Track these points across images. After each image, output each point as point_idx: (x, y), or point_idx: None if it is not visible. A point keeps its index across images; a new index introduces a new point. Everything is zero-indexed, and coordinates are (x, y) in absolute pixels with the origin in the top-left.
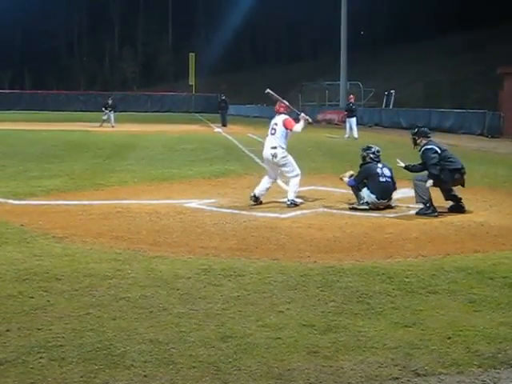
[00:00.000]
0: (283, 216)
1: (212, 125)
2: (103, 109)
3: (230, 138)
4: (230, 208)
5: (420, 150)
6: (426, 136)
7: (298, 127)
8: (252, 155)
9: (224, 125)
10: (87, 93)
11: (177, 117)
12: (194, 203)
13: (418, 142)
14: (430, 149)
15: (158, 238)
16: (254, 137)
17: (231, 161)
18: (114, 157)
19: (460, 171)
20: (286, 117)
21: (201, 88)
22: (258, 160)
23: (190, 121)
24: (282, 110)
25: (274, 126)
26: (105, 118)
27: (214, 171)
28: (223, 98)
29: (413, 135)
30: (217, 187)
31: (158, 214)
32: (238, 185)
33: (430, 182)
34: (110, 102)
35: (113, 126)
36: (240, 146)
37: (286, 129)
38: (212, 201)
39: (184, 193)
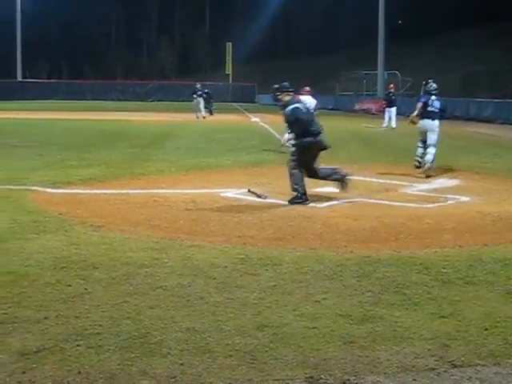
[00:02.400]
0: (319, 206)
1: (249, 114)
2: (196, 97)
3: (266, 127)
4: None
5: (285, 108)
6: (288, 92)
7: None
8: (288, 144)
9: (211, 113)
10: (124, 82)
11: (214, 106)
12: (230, 193)
13: (281, 97)
14: (297, 108)
15: (195, 227)
16: None
17: (268, 150)
18: (150, 146)
19: (318, 135)
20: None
21: (237, 77)
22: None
23: (227, 110)
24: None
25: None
26: (201, 107)
27: (250, 160)
28: (206, 91)
29: (275, 90)
30: (253, 176)
31: (194, 203)
32: (275, 174)
33: (286, 137)
34: (204, 90)
35: (204, 117)
36: (276, 135)
37: None
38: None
39: (221, 182)
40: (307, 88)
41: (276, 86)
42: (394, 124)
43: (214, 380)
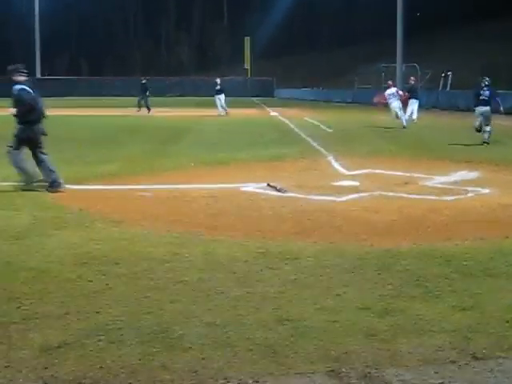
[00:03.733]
0: (339, 199)
1: (268, 108)
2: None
3: (285, 121)
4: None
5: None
6: (21, 73)
7: None
8: (309, 139)
9: (149, 109)
10: (145, 78)
11: (232, 101)
12: (250, 187)
13: (14, 78)
14: (24, 89)
15: (215, 222)
16: (311, 120)
17: (287, 144)
18: (169, 141)
19: (35, 123)
20: None
21: (255, 72)
22: (314, 144)
23: (246, 104)
24: None
25: None
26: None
27: (269, 155)
28: (143, 81)
29: (11, 71)
30: (273, 171)
31: (214, 197)
32: (294, 168)
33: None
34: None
35: (226, 113)
36: (296, 130)
37: None
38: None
39: (240, 177)
40: (390, 82)
41: (11, 67)
42: (414, 116)
43: (235, 374)
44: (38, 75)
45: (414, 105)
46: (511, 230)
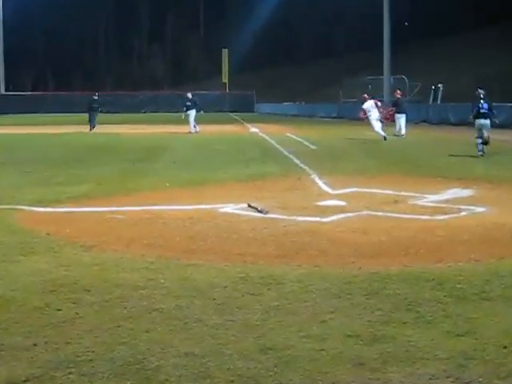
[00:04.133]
0: (325, 220)
1: (247, 124)
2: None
3: (266, 138)
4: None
5: None
6: None
7: None
8: (291, 156)
9: (93, 126)
10: (115, 93)
11: (210, 117)
12: (229, 208)
13: None
14: None
15: (192, 245)
16: (294, 137)
17: (268, 162)
18: (143, 160)
19: None
20: None
21: (234, 86)
22: (297, 161)
23: (224, 120)
24: None
25: None
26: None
27: (250, 174)
28: (95, 98)
29: None
30: (253, 191)
31: (191, 219)
32: (276, 188)
33: None
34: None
35: (195, 131)
36: (278, 147)
37: None
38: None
39: (218, 197)
40: (366, 95)
41: None
42: (403, 131)
43: None
44: (2, 91)
45: (400, 119)
46: (507, 251)
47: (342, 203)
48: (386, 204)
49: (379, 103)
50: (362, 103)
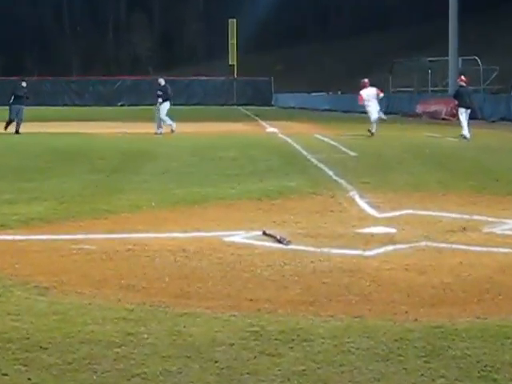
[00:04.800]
0: (368, 253)
1: (263, 122)
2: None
3: (288, 140)
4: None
5: None
6: None
7: None
8: (322, 166)
9: (12, 121)
10: (82, 78)
11: (212, 111)
12: (237, 236)
13: None
14: None
15: (187, 288)
16: (326, 139)
17: (291, 174)
18: (121, 170)
19: None
20: None
21: (244, 70)
22: (330, 172)
23: (231, 117)
24: None
25: None
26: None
27: (266, 189)
28: (23, 85)
29: None
30: (271, 213)
31: (185, 252)
32: (302, 209)
33: None
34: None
35: (160, 132)
36: (304, 153)
37: None
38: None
39: (224, 222)
40: (366, 80)
41: None
42: (465, 131)
43: None
44: None
45: (462, 116)
46: None
47: (392, 231)
48: (452, 232)
49: (382, 94)
50: (360, 89)
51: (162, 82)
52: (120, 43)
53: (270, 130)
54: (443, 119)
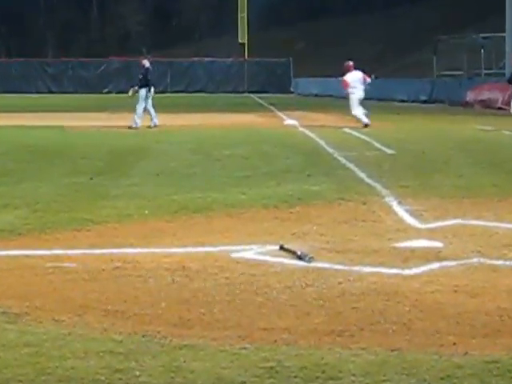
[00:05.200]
0: (408, 272)
1: (280, 113)
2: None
3: (311, 135)
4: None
5: None
6: None
7: None
8: (352, 166)
9: None
10: (61, 61)
11: (217, 100)
12: (249, 252)
13: None
14: None
15: (188, 315)
16: (356, 134)
17: (315, 176)
18: (107, 172)
19: None
20: None
21: (257, 50)
22: (362, 174)
23: (241, 106)
24: None
25: None
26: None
27: (284, 195)
28: None
29: None
30: (290, 223)
31: (186, 271)
32: (327, 218)
33: None
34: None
35: (154, 125)
36: (330, 150)
37: None
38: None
39: (232, 234)
40: (350, 62)
41: None
42: None
43: None
44: None
45: None
46: None
47: (438, 245)
48: (510, 247)
49: (368, 80)
50: (343, 74)
51: (146, 63)
52: (106, 17)
53: (289, 122)
54: (499, 109)
